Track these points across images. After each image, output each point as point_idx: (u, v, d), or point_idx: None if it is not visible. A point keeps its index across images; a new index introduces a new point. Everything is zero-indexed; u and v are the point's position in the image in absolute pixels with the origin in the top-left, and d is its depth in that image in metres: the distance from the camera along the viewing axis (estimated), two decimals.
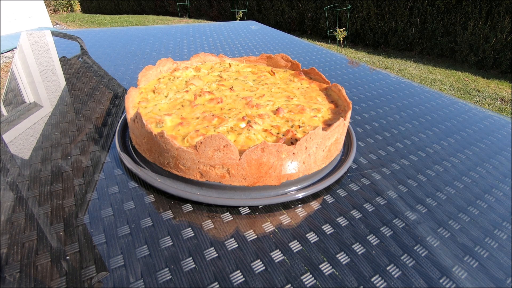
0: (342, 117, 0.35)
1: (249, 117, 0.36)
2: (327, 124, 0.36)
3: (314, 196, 0.32)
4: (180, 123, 0.35)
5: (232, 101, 0.40)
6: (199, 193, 0.30)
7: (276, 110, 0.38)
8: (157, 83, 0.45)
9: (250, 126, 0.34)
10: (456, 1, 3.37)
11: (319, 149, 0.31)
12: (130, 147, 0.37)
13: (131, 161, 0.34)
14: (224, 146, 0.28)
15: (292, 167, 0.30)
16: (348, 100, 0.39)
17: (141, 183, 0.32)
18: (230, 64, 0.53)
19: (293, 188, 0.32)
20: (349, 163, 0.36)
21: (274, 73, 0.50)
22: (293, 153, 0.29)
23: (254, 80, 0.48)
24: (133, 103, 0.38)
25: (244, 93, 0.43)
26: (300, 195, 0.31)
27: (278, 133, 0.34)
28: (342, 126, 0.33)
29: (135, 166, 0.33)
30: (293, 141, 0.32)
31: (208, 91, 0.42)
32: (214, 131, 0.33)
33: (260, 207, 0.30)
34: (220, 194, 0.30)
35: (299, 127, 0.35)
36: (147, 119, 0.36)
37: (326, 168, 0.35)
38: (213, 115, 0.36)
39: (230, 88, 0.44)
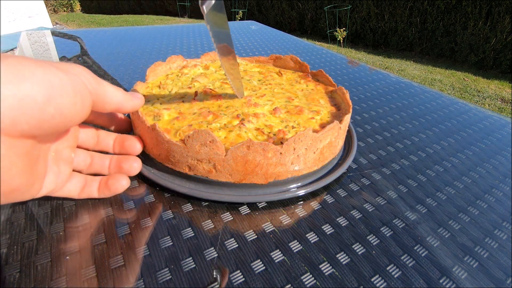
0: (340, 120, 0.35)
1: (244, 115, 0.36)
2: (324, 127, 0.36)
3: (314, 196, 0.32)
4: (176, 117, 0.36)
5: (232, 99, 0.41)
6: (196, 188, 0.31)
7: (273, 110, 0.38)
8: (165, 78, 0.46)
9: (242, 124, 0.34)
10: (456, 1, 3.37)
11: (309, 150, 0.31)
12: None
13: None
14: (210, 142, 0.28)
15: (279, 167, 0.30)
16: (349, 103, 0.38)
17: (141, 182, 0.32)
18: (239, 64, 0.53)
19: (283, 188, 0.32)
20: (347, 164, 0.36)
21: (281, 74, 0.50)
22: (280, 153, 0.29)
23: (259, 80, 0.48)
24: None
25: (245, 92, 0.43)
26: (293, 194, 0.31)
27: (269, 133, 0.34)
28: (336, 129, 0.33)
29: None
30: (283, 141, 0.32)
31: (210, 89, 0.42)
32: (207, 127, 0.34)
33: (260, 207, 0.30)
34: (208, 189, 0.31)
35: (293, 128, 0.35)
36: (146, 112, 0.37)
37: (324, 169, 0.35)
38: (209, 111, 0.37)
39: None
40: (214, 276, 0.23)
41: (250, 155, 0.28)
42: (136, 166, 0.31)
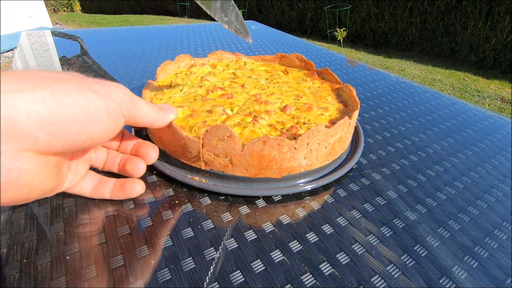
0: (349, 116, 0.36)
1: (256, 112, 0.37)
2: (333, 123, 0.36)
3: (314, 196, 0.32)
4: (190, 115, 0.36)
5: (242, 97, 0.42)
6: (213, 183, 0.32)
7: (284, 107, 0.39)
8: (175, 77, 0.47)
9: (255, 120, 0.35)
10: (456, 1, 3.37)
11: (321, 145, 0.32)
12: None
13: None
14: (228, 137, 0.29)
15: (293, 162, 0.31)
16: (357, 100, 0.39)
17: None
18: (245, 62, 0.54)
19: (296, 182, 0.32)
20: (356, 158, 0.37)
21: (287, 72, 0.51)
22: (295, 148, 0.30)
23: (266, 79, 0.49)
24: (149, 94, 0.40)
25: (255, 90, 0.44)
26: (304, 188, 0.31)
27: (282, 129, 0.35)
28: (347, 124, 0.34)
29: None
30: (296, 137, 0.33)
31: (221, 87, 0.43)
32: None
33: (260, 207, 0.30)
34: (219, 183, 0.32)
35: (304, 124, 0.36)
36: None
37: (331, 165, 0.35)
38: (224, 110, 0.38)
39: (242, 86, 0.44)
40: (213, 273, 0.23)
41: (266, 150, 0.29)
42: (141, 167, 0.31)
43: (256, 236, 0.27)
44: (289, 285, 0.23)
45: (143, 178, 0.32)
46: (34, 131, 0.19)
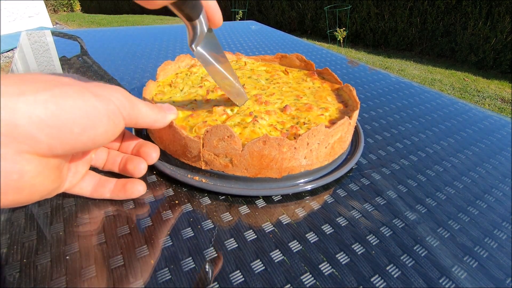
0: (349, 116, 0.36)
1: (256, 112, 0.37)
2: (333, 123, 0.36)
3: (314, 196, 0.32)
4: (190, 115, 0.36)
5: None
6: (197, 177, 0.32)
7: (284, 107, 0.39)
8: (175, 77, 0.47)
9: (256, 120, 0.35)
10: (456, 1, 3.37)
11: (321, 145, 0.32)
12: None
13: None
14: (228, 137, 0.29)
15: (293, 161, 0.31)
16: (357, 100, 0.39)
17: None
18: (245, 63, 0.54)
19: (296, 182, 0.32)
20: (356, 158, 0.37)
21: (288, 72, 0.51)
22: (295, 148, 0.30)
23: (266, 79, 0.49)
24: (150, 94, 0.40)
25: (255, 91, 0.44)
26: (304, 188, 0.31)
27: (282, 129, 0.35)
28: (347, 124, 0.34)
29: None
30: (296, 137, 0.33)
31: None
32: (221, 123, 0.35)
33: (260, 207, 0.30)
34: (219, 183, 0.32)
35: (304, 124, 0.36)
36: None
37: (331, 165, 0.35)
38: (224, 110, 0.38)
39: (242, 86, 0.44)
40: (207, 270, 0.23)
41: (266, 149, 0.29)
42: (142, 167, 0.31)
43: (256, 236, 0.27)
44: (289, 285, 0.23)
45: (143, 178, 0.32)
46: (35, 133, 0.19)
